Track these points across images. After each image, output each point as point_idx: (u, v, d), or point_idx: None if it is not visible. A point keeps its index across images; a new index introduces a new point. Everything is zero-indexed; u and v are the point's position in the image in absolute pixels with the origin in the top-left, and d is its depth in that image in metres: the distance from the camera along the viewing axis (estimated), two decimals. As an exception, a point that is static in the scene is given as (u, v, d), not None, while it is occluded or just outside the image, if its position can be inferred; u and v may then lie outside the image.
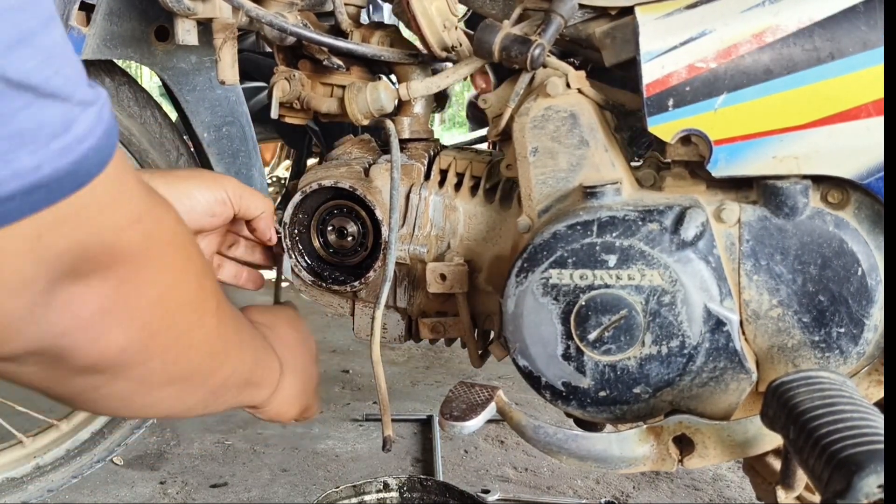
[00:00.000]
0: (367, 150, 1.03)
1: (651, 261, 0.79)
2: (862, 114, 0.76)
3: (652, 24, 0.82)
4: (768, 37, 0.78)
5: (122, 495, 1.71)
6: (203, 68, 1.22)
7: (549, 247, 0.81)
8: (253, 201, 0.84)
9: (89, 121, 0.44)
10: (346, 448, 1.96)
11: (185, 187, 0.79)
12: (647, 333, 0.80)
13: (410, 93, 0.96)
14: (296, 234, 0.96)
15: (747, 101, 0.79)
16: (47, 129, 0.41)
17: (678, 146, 0.83)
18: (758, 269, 0.81)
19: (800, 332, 0.82)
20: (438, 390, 2.34)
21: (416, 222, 0.95)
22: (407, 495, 1.40)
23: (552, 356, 0.83)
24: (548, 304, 0.82)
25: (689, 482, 1.80)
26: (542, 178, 0.87)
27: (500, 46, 0.86)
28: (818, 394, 0.71)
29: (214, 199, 0.80)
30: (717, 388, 0.81)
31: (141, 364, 0.53)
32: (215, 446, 1.94)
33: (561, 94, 0.86)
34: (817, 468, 0.64)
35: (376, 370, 0.92)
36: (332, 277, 0.97)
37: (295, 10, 0.99)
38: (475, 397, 0.88)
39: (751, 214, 0.81)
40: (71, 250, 0.45)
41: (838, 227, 0.80)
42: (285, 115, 1.02)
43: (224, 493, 1.73)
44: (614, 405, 0.83)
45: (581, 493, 1.74)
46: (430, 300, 0.97)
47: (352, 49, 0.96)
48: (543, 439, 0.86)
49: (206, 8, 0.94)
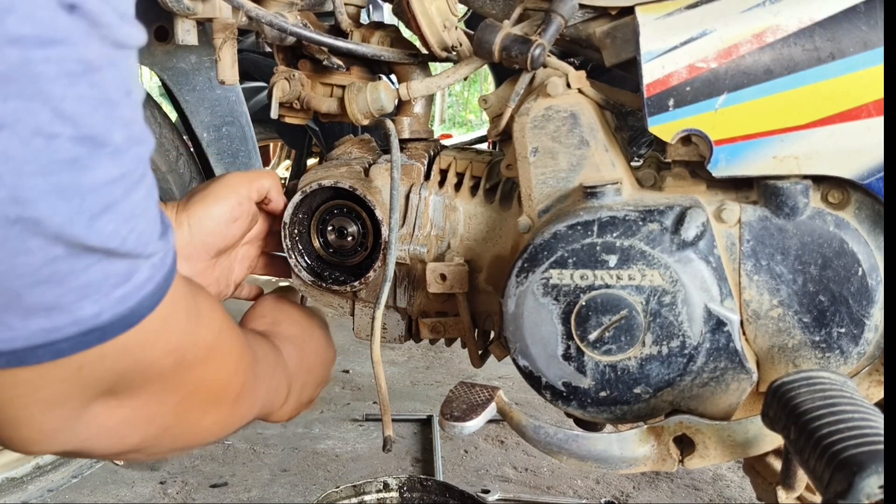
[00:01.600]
0: (367, 150, 1.03)
1: (651, 261, 0.79)
2: (862, 114, 0.76)
3: (652, 24, 0.82)
4: (769, 37, 0.78)
5: (122, 495, 1.71)
6: (203, 68, 1.22)
7: (549, 247, 0.81)
8: (260, 181, 0.88)
9: (150, 270, 0.46)
10: (346, 448, 1.96)
11: (202, 210, 0.82)
12: (647, 333, 0.80)
13: (410, 93, 0.96)
14: (296, 234, 0.96)
15: (748, 101, 0.79)
16: (112, 279, 0.44)
17: (678, 146, 0.83)
18: (758, 270, 0.81)
19: (800, 333, 0.82)
20: (438, 390, 2.34)
21: (416, 222, 0.95)
22: (407, 495, 1.40)
23: (552, 356, 0.83)
24: (548, 304, 0.82)
25: (689, 482, 1.80)
26: (543, 178, 0.87)
27: (501, 46, 0.86)
28: (819, 394, 0.71)
29: (231, 206, 0.84)
30: (718, 389, 0.81)
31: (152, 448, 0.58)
32: (215, 446, 1.94)
33: (561, 94, 0.86)
34: (818, 468, 0.64)
35: (376, 370, 0.91)
36: (332, 277, 0.97)
37: (295, 10, 0.98)
38: (475, 397, 0.87)
39: (751, 214, 0.81)
40: (109, 379, 0.48)
41: (839, 227, 0.80)
42: (285, 115, 1.02)
43: (224, 493, 1.73)
44: (615, 405, 0.83)
45: (581, 493, 1.74)
46: (430, 300, 0.97)
47: (352, 49, 0.96)
48: (543, 439, 0.86)
49: (206, 8, 0.94)
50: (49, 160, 0.39)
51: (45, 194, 0.39)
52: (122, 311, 0.45)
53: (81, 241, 0.41)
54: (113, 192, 0.42)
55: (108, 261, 0.43)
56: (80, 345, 0.44)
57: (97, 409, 0.50)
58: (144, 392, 0.52)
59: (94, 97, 0.40)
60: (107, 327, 0.44)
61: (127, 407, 0.51)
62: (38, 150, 0.39)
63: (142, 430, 0.54)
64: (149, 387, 0.52)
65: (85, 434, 0.50)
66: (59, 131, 0.39)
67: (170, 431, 0.57)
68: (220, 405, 0.62)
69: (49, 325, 0.42)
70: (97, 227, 0.42)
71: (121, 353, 0.47)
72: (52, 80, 0.38)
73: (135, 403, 0.52)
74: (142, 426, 0.54)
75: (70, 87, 0.39)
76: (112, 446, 0.53)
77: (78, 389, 0.47)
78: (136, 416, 0.52)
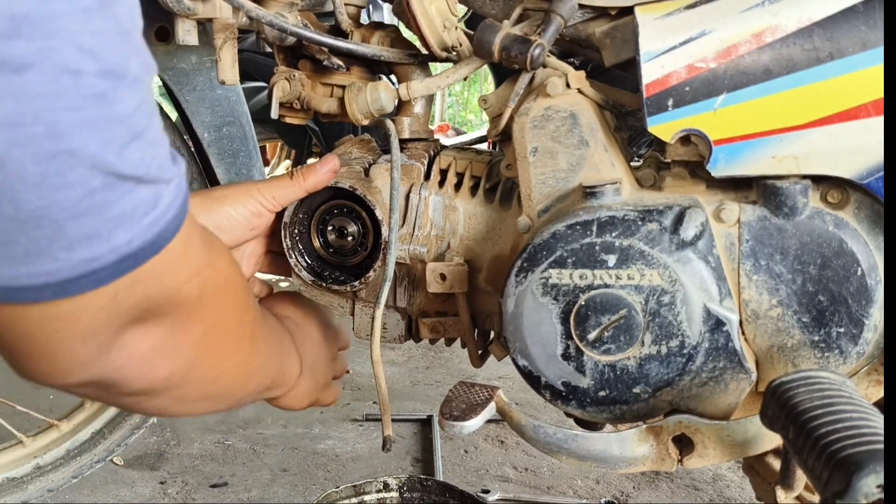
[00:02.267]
0: (367, 150, 1.03)
1: (651, 261, 0.79)
2: (861, 114, 0.76)
3: (652, 24, 0.82)
4: (768, 37, 0.78)
5: (122, 495, 1.71)
6: (203, 68, 1.23)
7: (548, 247, 0.81)
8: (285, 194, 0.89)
9: (172, 194, 0.49)
10: (346, 448, 1.96)
11: (222, 209, 0.84)
12: (646, 333, 0.80)
13: (410, 93, 0.96)
14: (296, 233, 0.96)
15: (747, 101, 0.79)
16: (142, 207, 0.46)
17: (678, 146, 0.83)
18: (757, 269, 0.81)
19: (799, 332, 0.82)
20: (438, 390, 2.34)
21: (416, 222, 0.95)
22: (407, 495, 1.40)
23: (552, 356, 0.83)
24: (547, 303, 0.82)
25: (689, 482, 1.80)
26: (542, 178, 0.87)
27: (500, 46, 0.86)
28: (818, 394, 0.71)
29: (250, 214, 0.86)
30: (717, 388, 0.81)
31: (180, 387, 0.60)
32: (215, 446, 1.94)
33: (561, 94, 0.86)
34: (816, 468, 0.64)
35: (376, 370, 0.92)
36: (332, 277, 0.97)
37: (295, 10, 0.99)
38: (475, 397, 0.88)
39: (750, 214, 0.81)
40: (140, 304, 0.50)
41: (838, 226, 0.80)
42: (285, 115, 1.02)
43: (224, 493, 1.73)
44: (614, 405, 0.84)
45: (581, 493, 1.74)
46: (430, 300, 0.97)
47: (352, 49, 0.96)
48: (543, 439, 0.86)
49: (206, 8, 0.94)
50: (78, 95, 0.41)
51: (78, 127, 0.41)
52: (150, 236, 0.47)
53: (115, 169, 0.43)
54: (138, 121, 0.45)
55: (137, 189, 0.45)
56: (116, 272, 0.46)
57: (129, 336, 0.51)
58: (171, 318, 0.54)
59: (111, 30, 0.42)
60: (139, 253, 0.47)
61: (156, 334, 0.53)
62: (67, 87, 0.40)
63: (171, 361, 0.56)
64: (175, 313, 0.54)
65: (118, 362, 0.52)
66: (83, 67, 0.41)
67: (196, 369, 0.59)
68: (238, 345, 0.65)
69: (90, 255, 0.44)
70: (126, 155, 0.44)
71: (150, 278, 0.49)
72: (69, 17, 0.40)
73: (163, 330, 0.54)
74: (171, 355, 0.56)
75: (87, 21, 0.40)
76: (143, 376, 0.55)
77: (113, 317, 0.49)
78: (164, 344, 0.55)
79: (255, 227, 0.87)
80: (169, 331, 0.54)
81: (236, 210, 0.85)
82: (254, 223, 0.86)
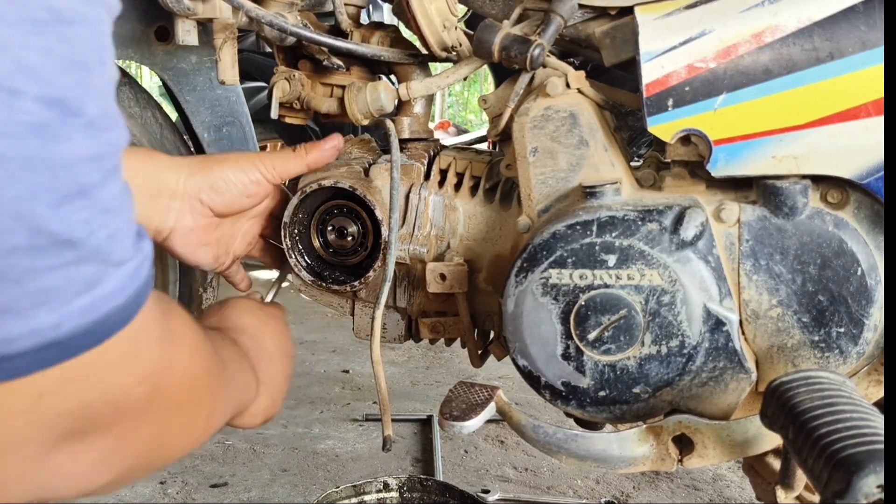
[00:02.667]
0: (367, 150, 1.03)
1: (650, 260, 0.79)
2: (861, 114, 0.76)
3: (651, 24, 0.82)
4: (767, 37, 0.78)
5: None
6: (203, 68, 1.22)
7: (548, 247, 0.81)
8: (287, 166, 0.88)
9: (121, 279, 0.40)
10: (346, 448, 1.96)
11: (220, 171, 0.82)
12: (646, 333, 0.80)
13: (410, 93, 0.96)
14: (296, 233, 0.96)
15: (747, 101, 0.79)
16: (75, 286, 0.37)
17: (678, 146, 0.83)
18: (757, 269, 0.81)
19: (799, 332, 0.82)
20: (438, 390, 2.34)
21: (416, 222, 0.95)
22: (407, 495, 1.40)
23: (552, 356, 0.83)
24: (547, 303, 0.82)
25: (689, 482, 1.80)
26: (542, 177, 0.87)
27: (500, 46, 0.86)
28: (817, 394, 0.71)
29: (249, 181, 0.84)
30: (717, 388, 0.81)
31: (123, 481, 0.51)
32: (215, 446, 1.94)
33: (561, 94, 0.86)
34: (816, 468, 0.64)
35: (376, 370, 0.92)
36: (332, 277, 0.97)
37: (295, 10, 0.99)
38: (475, 397, 0.88)
39: (750, 214, 0.81)
40: (72, 411, 0.41)
41: (838, 226, 0.80)
42: (285, 115, 1.02)
43: (224, 493, 1.73)
44: (614, 405, 0.84)
45: (581, 493, 1.74)
46: (430, 300, 0.97)
47: (352, 49, 0.96)
48: (543, 439, 0.86)
49: (206, 8, 0.94)
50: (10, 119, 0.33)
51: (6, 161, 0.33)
52: (84, 322, 0.38)
53: (45, 226, 0.35)
54: (88, 174, 0.36)
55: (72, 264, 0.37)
56: (37, 362, 0.37)
57: (63, 456, 0.42)
58: (116, 428, 0.44)
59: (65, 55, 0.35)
60: (68, 342, 0.38)
61: (97, 449, 0.44)
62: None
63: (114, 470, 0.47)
64: (121, 422, 0.45)
65: (51, 484, 0.43)
66: (21, 87, 0.33)
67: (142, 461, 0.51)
68: (194, 426, 0.56)
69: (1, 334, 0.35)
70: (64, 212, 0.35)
71: (86, 378, 0.40)
72: (12, 25, 0.33)
73: (106, 442, 0.45)
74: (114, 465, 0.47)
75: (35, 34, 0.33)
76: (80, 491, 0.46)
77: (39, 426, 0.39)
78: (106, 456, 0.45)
79: (252, 196, 0.85)
80: (114, 443, 0.45)
81: (235, 175, 0.83)
82: (251, 190, 0.85)
